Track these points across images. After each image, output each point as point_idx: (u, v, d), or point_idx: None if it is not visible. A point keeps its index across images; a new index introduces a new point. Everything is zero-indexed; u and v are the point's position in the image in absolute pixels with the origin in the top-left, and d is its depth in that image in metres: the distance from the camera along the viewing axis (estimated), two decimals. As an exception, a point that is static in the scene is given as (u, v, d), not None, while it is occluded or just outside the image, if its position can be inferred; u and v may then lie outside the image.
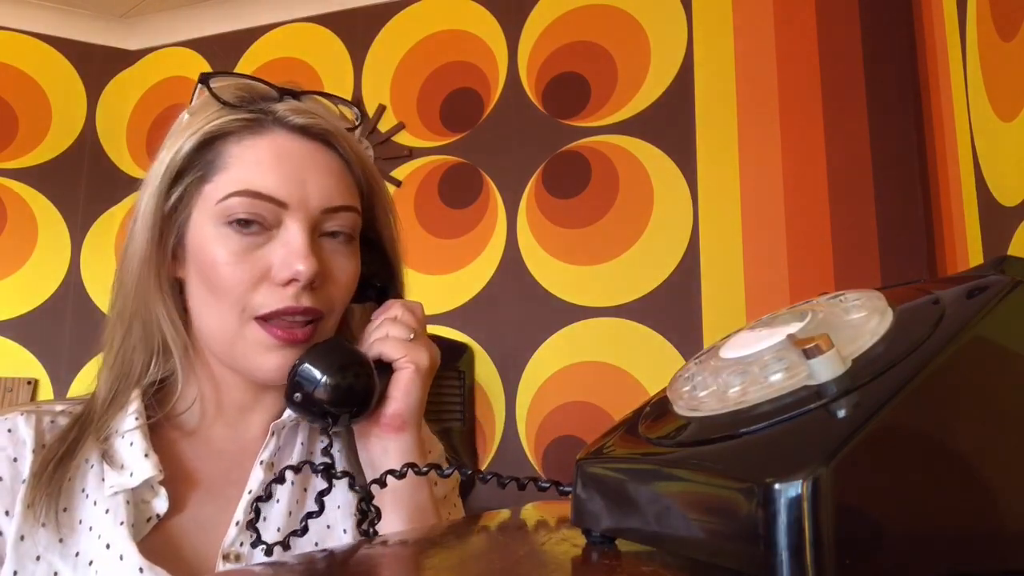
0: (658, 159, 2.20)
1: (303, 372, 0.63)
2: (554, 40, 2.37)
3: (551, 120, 2.32)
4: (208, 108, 0.66)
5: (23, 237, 2.65)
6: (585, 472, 0.41)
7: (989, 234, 1.33)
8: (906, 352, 0.31)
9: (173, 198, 0.64)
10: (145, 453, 0.63)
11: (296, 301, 0.63)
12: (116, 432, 0.65)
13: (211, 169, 0.64)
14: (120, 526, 0.60)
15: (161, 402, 0.68)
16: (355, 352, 0.66)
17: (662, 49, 2.24)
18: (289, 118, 0.65)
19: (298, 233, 0.62)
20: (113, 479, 0.62)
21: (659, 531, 0.34)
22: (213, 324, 0.65)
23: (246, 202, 0.62)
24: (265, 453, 0.67)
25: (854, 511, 0.27)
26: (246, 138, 0.64)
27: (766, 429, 0.31)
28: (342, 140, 0.68)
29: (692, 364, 0.41)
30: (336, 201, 0.65)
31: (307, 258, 0.62)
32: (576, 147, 2.28)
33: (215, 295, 0.63)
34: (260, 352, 0.64)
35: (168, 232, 0.65)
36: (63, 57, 2.76)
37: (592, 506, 0.40)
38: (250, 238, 0.63)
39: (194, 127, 0.65)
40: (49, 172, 2.69)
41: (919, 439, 0.29)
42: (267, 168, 0.63)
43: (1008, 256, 0.36)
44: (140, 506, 0.62)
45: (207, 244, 0.63)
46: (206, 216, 0.63)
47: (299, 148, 0.65)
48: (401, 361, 0.66)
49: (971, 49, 1.34)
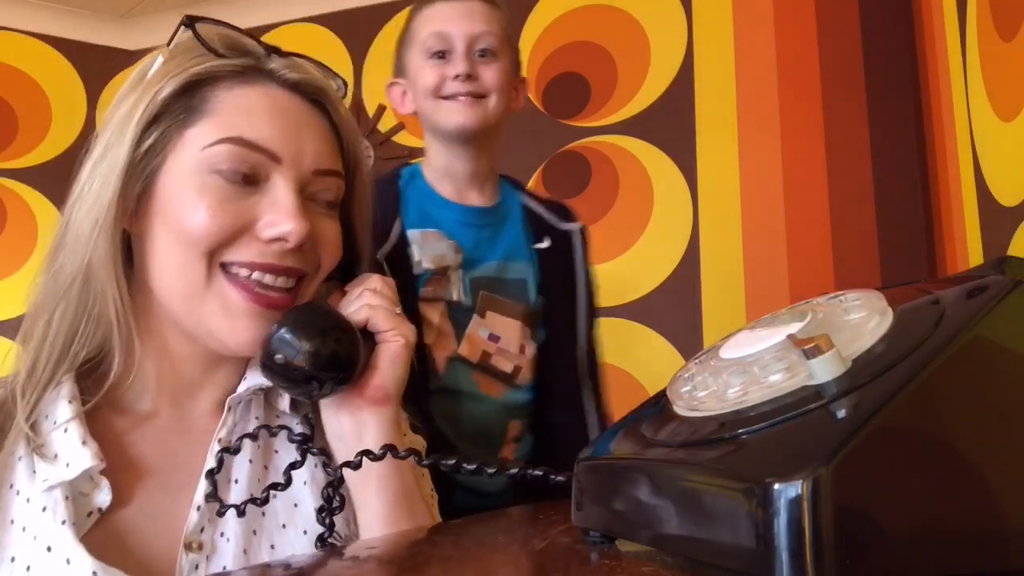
0: (658, 159, 2.19)
1: (284, 335, 0.59)
2: (554, 40, 2.37)
3: (551, 120, 2.32)
4: (190, 52, 0.61)
5: (23, 237, 2.65)
6: (585, 472, 0.41)
7: (989, 234, 1.33)
8: (906, 352, 0.31)
9: (146, 144, 0.58)
10: (82, 440, 0.56)
11: (279, 260, 0.59)
12: (46, 418, 0.58)
13: (194, 114, 0.59)
14: (62, 525, 0.53)
15: (97, 382, 0.60)
16: (341, 316, 0.62)
17: (662, 49, 2.23)
18: (282, 72, 0.62)
19: (288, 192, 0.59)
20: (46, 471, 0.55)
21: (659, 531, 0.34)
22: (175, 281, 0.59)
23: (237, 151, 0.58)
24: (223, 431, 0.62)
25: (854, 511, 0.27)
26: (236, 86, 0.60)
27: (766, 429, 0.31)
28: (335, 103, 0.65)
29: (692, 364, 0.41)
30: (327, 164, 0.62)
31: (299, 219, 0.58)
32: (576, 147, 2.28)
33: (182, 246, 0.58)
34: (230, 316, 0.59)
35: (134, 181, 0.58)
36: (63, 57, 2.76)
37: (592, 506, 0.40)
38: (235, 188, 0.58)
39: (175, 70, 0.59)
40: (49, 172, 2.69)
41: (919, 439, 0.29)
42: (261, 118, 0.59)
43: (1008, 256, 0.36)
44: (79, 499, 0.55)
45: (184, 192, 0.58)
46: (185, 163, 0.58)
47: (293, 104, 0.62)
48: (389, 333, 0.63)
49: (971, 49, 1.34)
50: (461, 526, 0.57)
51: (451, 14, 1.09)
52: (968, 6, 1.34)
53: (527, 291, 1.12)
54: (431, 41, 1.08)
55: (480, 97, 1.07)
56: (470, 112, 1.06)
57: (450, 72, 1.06)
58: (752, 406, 0.33)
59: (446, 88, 1.07)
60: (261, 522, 0.60)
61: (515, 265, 1.12)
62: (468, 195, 1.12)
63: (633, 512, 0.36)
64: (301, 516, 0.62)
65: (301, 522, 0.61)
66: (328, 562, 0.49)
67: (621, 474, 0.38)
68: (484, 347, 1.08)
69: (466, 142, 1.09)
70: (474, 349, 1.08)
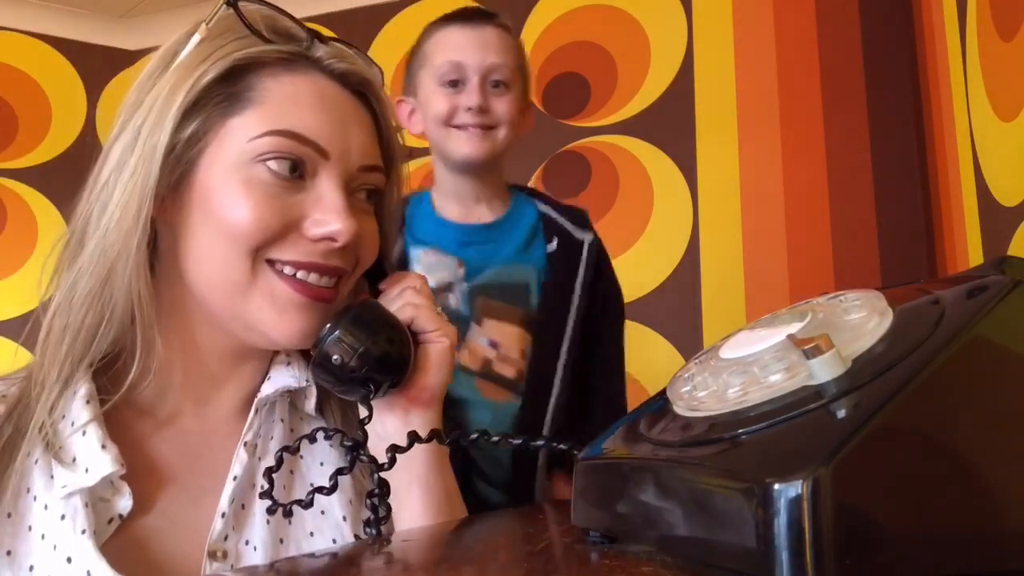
0: (658, 159, 2.19)
1: (340, 336, 0.57)
2: (554, 40, 2.37)
3: (551, 120, 2.32)
4: (230, 34, 0.57)
5: (23, 237, 2.65)
6: (585, 472, 0.41)
7: (989, 234, 1.33)
8: (906, 352, 0.31)
9: (187, 131, 0.55)
10: (102, 444, 0.53)
11: (325, 259, 0.57)
12: (63, 419, 0.55)
13: (238, 101, 0.56)
14: (82, 535, 0.51)
15: (114, 380, 0.57)
16: (394, 317, 0.61)
17: (662, 49, 2.23)
18: (329, 62, 0.60)
19: (336, 189, 0.57)
20: (65, 477, 0.52)
21: (659, 531, 0.34)
22: (216, 275, 0.57)
23: (287, 143, 0.55)
24: (250, 433, 0.60)
25: (854, 511, 0.27)
26: (282, 74, 0.57)
27: (766, 429, 0.31)
28: (379, 94, 0.63)
29: (692, 364, 0.41)
30: (372, 160, 0.61)
31: (348, 218, 0.56)
32: (576, 147, 2.28)
33: (226, 241, 0.55)
34: (279, 309, 0.57)
35: (171, 168, 0.56)
36: (63, 57, 2.76)
37: (592, 506, 0.40)
38: (282, 183, 0.56)
39: (217, 54, 0.56)
40: (49, 172, 2.69)
41: (919, 439, 0.29)
42: (309, 111, 0.57)
43: (1008, 256, 0.36)
44: (99, 506, 0.53)
45: (227, 184, 0.55)
46: (229, 153, 0.56)
47: (340, 96, 0.60)
48: (435, 334, 0.61)
49: (971, 49, 1.34)
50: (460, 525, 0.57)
51: (466, 43, 1.09)
52: (968, 6, 1.34)
53: (528, 296, 1.12)
54: (445, 69, 1.08)
55: (489, 128, 1.08)
56: (479, 144, 1.07)
57: (463, 103, 1.07)
58: (752, 406, 0.33)
59: (457, 118, 1.07)
60: (288, 530, 0.59)
61: (517, 269, 1.12)
62: (476, 211, 1.13)
63: (633, 512, 0.36)
64: (328, 524, 0.60)
65: (329, 531, 0.60)
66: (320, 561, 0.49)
67: (621, 474, 0.38)
68: (484, 354, 1.08)
69: (472, 172, 1.11)
70: (475, 357, 1.07)
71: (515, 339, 1.09)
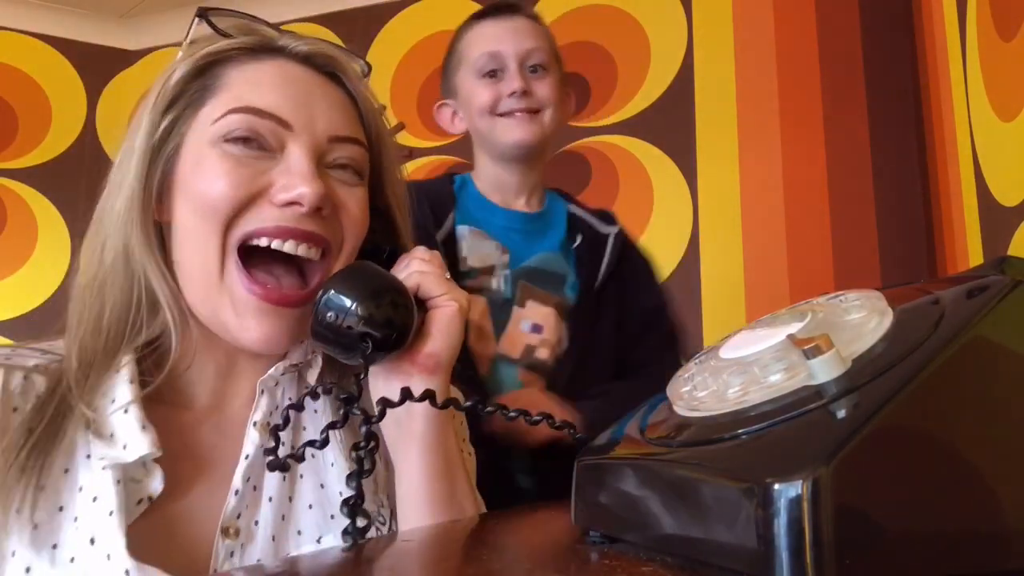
0: (658, 159, 2.19)
1: (332, 295, 0.57)
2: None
3: (551, 120, 2.32)
4: (204, 42, 0.61)
5: (23, 237, 2.65)
6: (585, 472, 0.41)
7: (989, 234, 1.33)
8: (906, 352, 0.31)
9: (162, 127, 0.58)
10: (142, 425, 0.55)
11: (298, 224, 0.58)
12: (104, 396, 0.57)
13: (207, 93, 0.59)
14: (109, 517, 0.52)
15: (157, 365, 0.59)
16: (390, 275, 0.60)
17: (662, 49, 2.23)
18: (293, 46, 0.62)
19: (303, 156, 0.58)
20: (102, 450, 0.54)
21: (659, 531, 0.34)
22: (195, 266, 0.58)
23: (246, 119, 0.58)
24: (258, 413, 0.61)
25: (854, 511, 0.27)
26: (247, 63, 0.60)
27: (766, 429, 0.31)
28: (350, 74, 0.64)
29: (692, 364, 0.41)
30: (343, 131, 0.61)
31: (314, 181, 0.57)
32: (576, 147, 2.28)
33: (201, 218, 0.57)
34: (238, 312, 0.57)
35: (155, 167, 0.59)
36: (63, 57, 2.76)
37: (592, 506, 0.40)
38: (249, 156, 0.58)
39: (187, 53, 0.60)
40: (49, 172, 2.69)
41: (919, 439, 0.29)
42: (269, 88, 0.59)
43: (1008, 256, 0.36)
44: (130, 486, 0.54)
45: (200, 166, 0.57)
46: (200, 139, 0.58)
47: (304, 74, 0.61)
48: (441, 298, 0.61)
49: (971, 49, 1.34)
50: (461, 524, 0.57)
51: (500, 33, 1.11)
52: (968, 6, 1.34)
53: (564, 286, 1.13)
54: (483, 61, 1.10)
55: (535, 112, 1.10)
56: (527, 127, 1.09)
57: (505, 90, 1.09)
58: (752, 406, 0.33)
59: (502, 105, 1.09)
60: (288, 507, 0.60)
61: (556, 260, 1.14)
62: (515, 204, 1.15)
63: (633, 512, 0.36)
64: (328, 498, 0.61)
65: (328, 505, 0.60)
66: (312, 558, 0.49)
67: (621, 474, 0.38)
68: (526, 341, 1.09)
69: (523, 158, 1.12)
70: (515, 346, 1.08)
71: (554, 322, 1.10)
